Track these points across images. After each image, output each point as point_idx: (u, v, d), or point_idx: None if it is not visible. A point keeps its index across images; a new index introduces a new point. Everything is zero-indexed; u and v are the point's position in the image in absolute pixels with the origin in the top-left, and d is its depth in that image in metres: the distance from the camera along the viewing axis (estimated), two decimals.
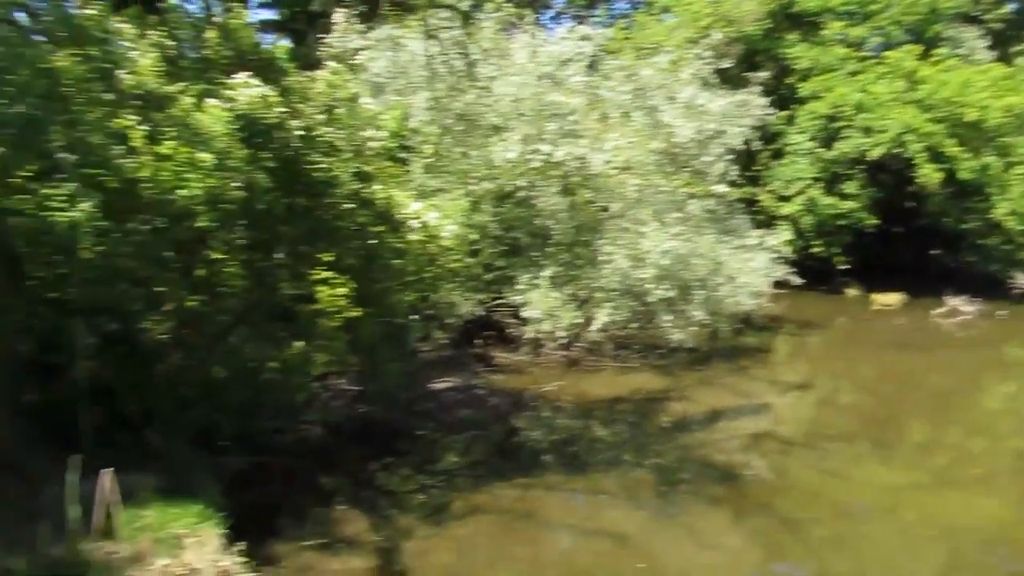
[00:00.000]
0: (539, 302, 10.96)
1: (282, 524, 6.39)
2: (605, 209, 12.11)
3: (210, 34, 12.44)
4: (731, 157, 13.49)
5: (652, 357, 12.20)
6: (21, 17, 10.68)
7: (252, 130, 6.57)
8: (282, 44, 16.59)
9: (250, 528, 5.37)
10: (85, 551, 4.16)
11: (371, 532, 6.37)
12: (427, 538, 6.30)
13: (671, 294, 11.37)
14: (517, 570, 6.06)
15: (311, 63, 10.95)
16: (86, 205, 6.13)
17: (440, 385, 10.19)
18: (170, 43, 10.92)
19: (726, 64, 14.84)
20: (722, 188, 12.90)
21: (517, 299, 11.36)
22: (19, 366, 5.49)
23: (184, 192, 6.44)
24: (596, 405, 10.50)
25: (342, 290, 6.24)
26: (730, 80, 15.07)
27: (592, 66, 12.62)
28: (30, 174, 6.16)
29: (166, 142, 6.55)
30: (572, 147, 11.11)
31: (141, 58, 8.21)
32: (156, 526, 4.62)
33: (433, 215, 8.17)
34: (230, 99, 7.02)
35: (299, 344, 6.54)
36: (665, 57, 13.37)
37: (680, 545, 6.67)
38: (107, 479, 3.89)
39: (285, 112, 6.68)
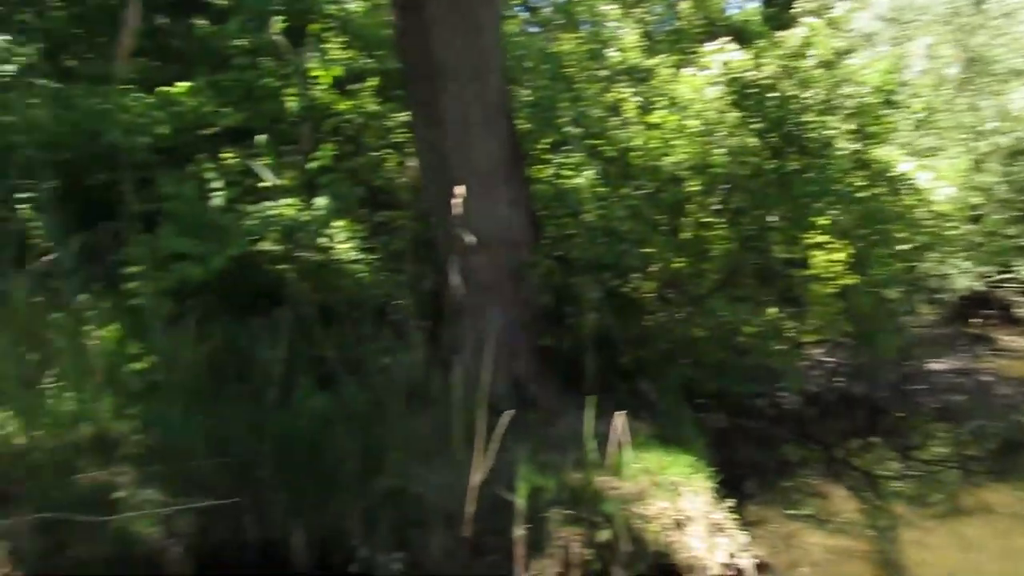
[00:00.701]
0: None
1: (755, 487, 6.36)
2: None
3: (683, 5, 12.80)
4: None
5: None
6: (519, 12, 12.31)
7: (742, 94, 6.56)
8: (752, 7, 16.31)
9: (728, 487, 5.41)
10: (597, 483, 4.62)
11: (854, 513, 5.98)
12: (922, 530, 5.68)
13: None
14: None
15: (783, 23, 10.53)
16: (589, 173, 6.85)
17: (933, 366, 9.14)
18: (649, 19, 11.53)
19: None
20: None
21: None
22: (539, 315, 6.33)
23: (671, 158, 6.75)
24: None
25: (839, 255, 5.91)
26: None
27: None
28: (547, 146, 7.09)
29: (656, 111, 6.91)
30: None
31: (626, 35, 8.80)
32: (655, 470, 4.91)
33: (925, 176, 7.32)
34: (706, 66, 7.11)
35: (773, 311, 6.41)
36: None
37: None
38: (620, 421, 4.25)
39: (777, 73, 6.52)
